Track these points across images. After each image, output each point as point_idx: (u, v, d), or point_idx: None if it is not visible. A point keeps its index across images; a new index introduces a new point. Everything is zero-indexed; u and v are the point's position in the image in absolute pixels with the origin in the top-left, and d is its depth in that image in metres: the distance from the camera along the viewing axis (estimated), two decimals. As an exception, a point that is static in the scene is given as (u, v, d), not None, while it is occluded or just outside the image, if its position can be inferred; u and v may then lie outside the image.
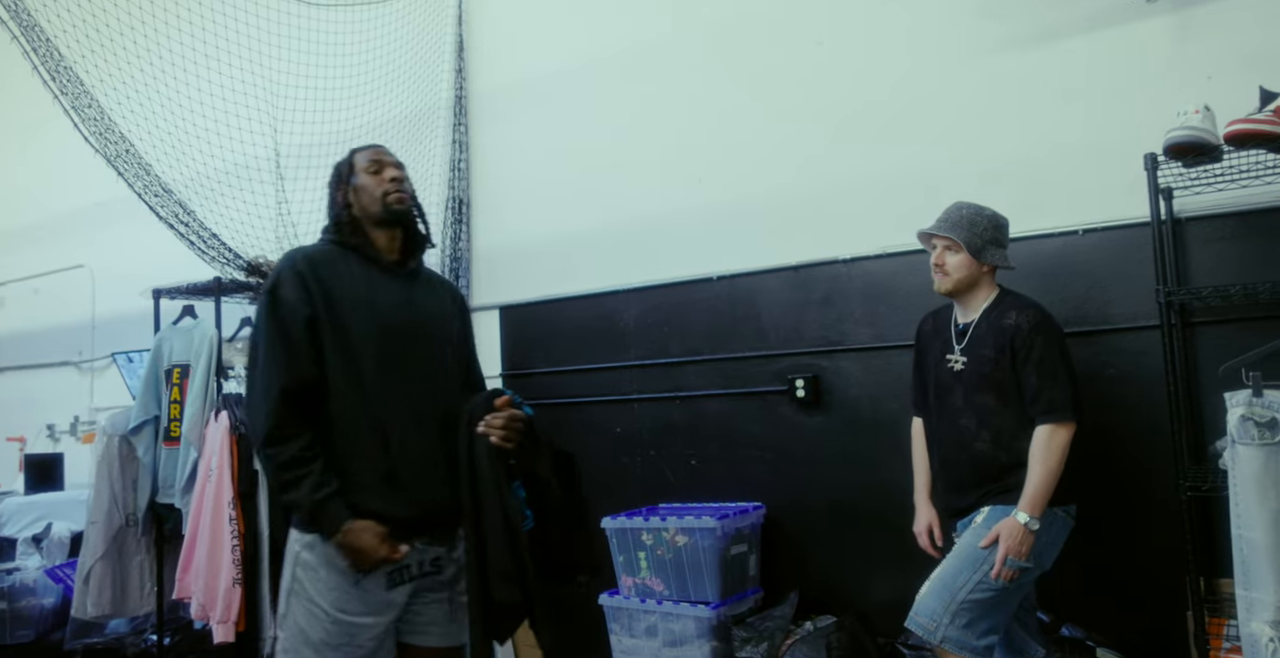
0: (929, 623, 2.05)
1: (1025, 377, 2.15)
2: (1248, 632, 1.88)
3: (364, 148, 2.03)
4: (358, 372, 1.80)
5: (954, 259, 2.26)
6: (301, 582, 1.77)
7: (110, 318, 5.15)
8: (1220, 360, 2.22)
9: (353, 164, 1.99)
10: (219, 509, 2.61)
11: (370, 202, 1.93)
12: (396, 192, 1.94)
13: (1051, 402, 2.10)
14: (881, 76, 3.06)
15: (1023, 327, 2.17)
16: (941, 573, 2.12)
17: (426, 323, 1.95)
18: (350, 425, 1.78)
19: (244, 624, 2.60)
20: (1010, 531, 2.05)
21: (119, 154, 2.63)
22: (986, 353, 2.21)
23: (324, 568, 1.76)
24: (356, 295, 1.85)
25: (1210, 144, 2.15)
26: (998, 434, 2.18)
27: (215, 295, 2.99)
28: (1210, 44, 2.53)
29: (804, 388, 3.10)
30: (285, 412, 1.74)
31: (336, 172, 2.02)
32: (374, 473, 1.78)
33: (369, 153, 2.00)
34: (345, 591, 1.75)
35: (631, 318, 3.54)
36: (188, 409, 2.89)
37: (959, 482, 2.25)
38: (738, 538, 2.97)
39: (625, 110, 3.60)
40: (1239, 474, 1.94)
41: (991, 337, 2.22)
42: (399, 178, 1.96)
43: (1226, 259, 2.45)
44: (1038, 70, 2.78)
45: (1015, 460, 2.14)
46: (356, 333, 1.82)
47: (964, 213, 2.29)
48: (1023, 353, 2.15)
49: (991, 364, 2.19)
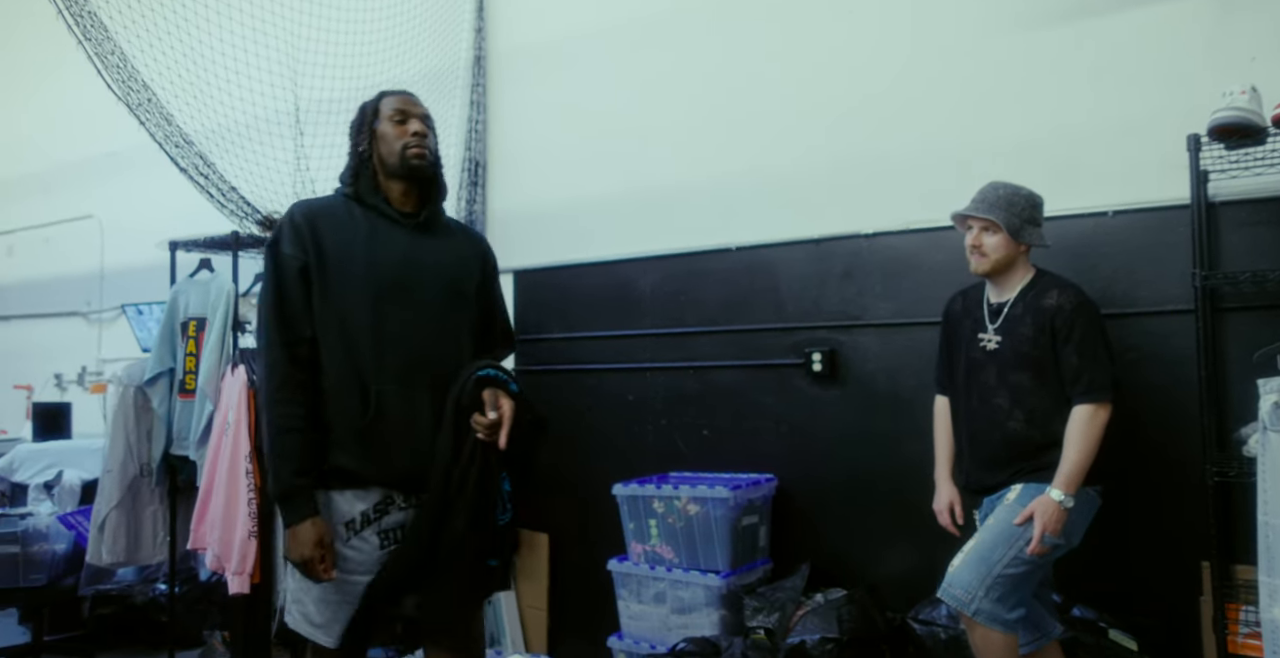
0: (964, 595, 2.06)
1: (1065, 356, 2.15)
2: (1269, 618, 1.89)
3: (392, 93, 1.94)
4: (343, 325, 1.77)
5: (991, 240, 2.24)
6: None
7: (120, 269, 5.13)
8: (1249, 347, 2.20)
9: (378, 109, 1.92)
10: (235, 463, 2.62)
11: (389, 153, 1.86)
12: (418, 147, 1.87)
13: (1092, 382, 2.11)
14: (913, 47, 3.00)
15: (1065, 307, 2.17)
16: (977, 547, 2.12)
17: (430, 277, 1.87)
18: (335, 381, 1.76)
19: (259, 576, 2.61)
20: (1046, 508, 2.06)
21: (141, 103, 2.58)
22: (1025, 332, 2.20)
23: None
24: (352, 248, 1.80)
25: (1257, 126, 2.12)
26: (1032, 413, 2.18)
27: (233, 249, 2.97)
28: (1254, 23, 2.47)
29: (821, 362, 3.09)
30: (286, 371, 1.72)
31: (361, 114, 1.94)
32: (350, 430, 1.75)
33: (396, 100, 1.92)
34: (337, 551, 1.75)
35: (648, 286, 3.52)
36: (203, 362, 2.88)
37: (990, 459, 2.25)
38: (749, 509, 2.98)
39: (647, 76, 3.54)
40: (1269, 461, 1.93)
41: (1031, 316, 2.21)
42: (422, 132, 1.89)
43: (1261, 245, 2.42)
44: (1073, 46, 2.73)
45: (1049, 440, 2.14)
46: (347, 286, 1.78)
47: (1001, 193, 2.26)
48: (1064, 333, 2.15)
49: (1030, 343, 2.19)
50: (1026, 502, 2.11)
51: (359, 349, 1.77)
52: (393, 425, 1.76)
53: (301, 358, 1.74)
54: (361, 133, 1.91)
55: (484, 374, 1.82)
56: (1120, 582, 2.22)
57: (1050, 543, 2.06)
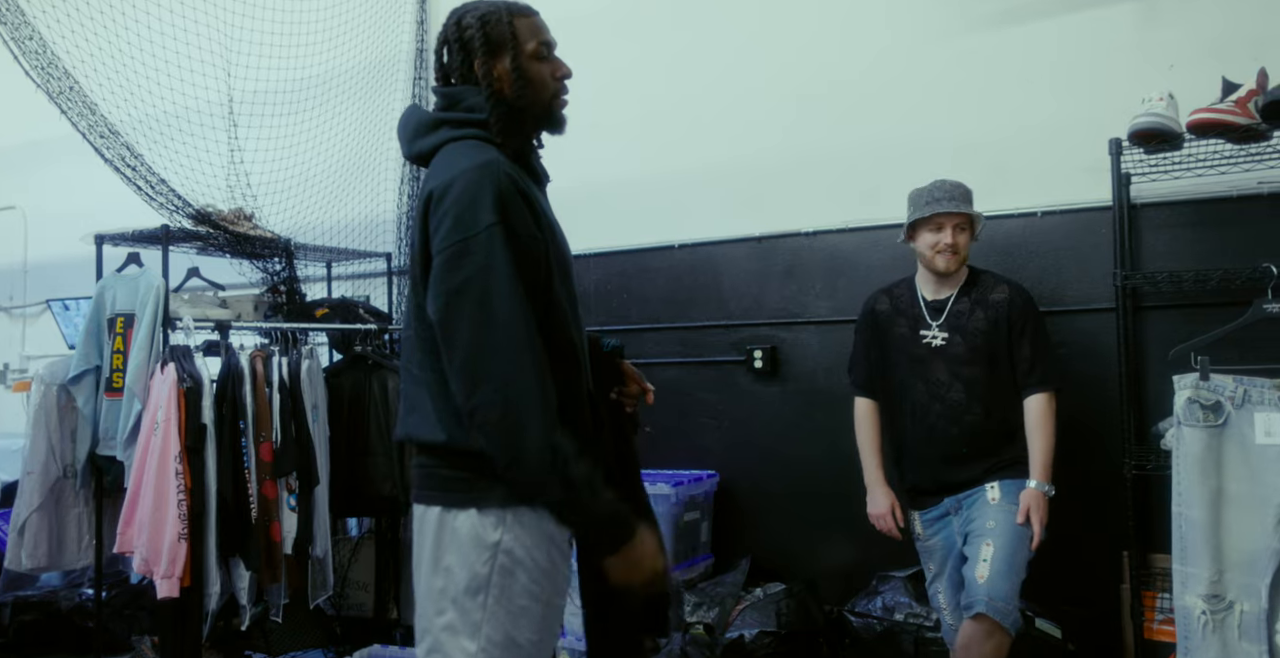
0: (1006, 607, 2.04)
1: (1019, 348, 2.23)
2: (1181, 605, 1.97)
3: (524, 11, 1.44)
4: (564, 320, 1.41)
5: (965, 238, 2.29)
6: (509, 577, 1.33)
7: (44, 263, 4.93)
8: (1167, 344, 2.29)
9: (516, 34, 1.42)
10: (164, 463, 2.54)
11: (536, 100, 1.43)
12: (565, 96, 1.47)
13: (1046, 372, 2.21)
14: (852, 54, 3.05)
15: (1017, 301, 2.26)
16: (1004, 556, 2.10)
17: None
18: (565, 389, 1.37)
19: (189, 579, 2.54)
20: (1038, 502, 2.14)
21: (62, 91, 2.48)
22: (978, 326, 2.26)
23: (537, 550, 1.35)
24: (555, 221, 1.45)
25: (1173, 131, 2.20)
26: (989, 406, 2.24)
27: (163, 243, 2.87)
28: (1174, 32, 2.57)
29: (762, 359, 3.12)
30: (550, 384, 1.30)
31: (485, 36, 1.40)
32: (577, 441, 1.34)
33: (534, 24, 1.44)
34: (559, 572, 1.39)
35: (592, 283, 3.51)
36: (131, 360, 2.78)
37: (951, 456, 2.25)
38: (691, 505, 3.00)
39: (595, 73, 3.50)
40: (1182, 454, 2.01)
41: (982, 310, 2.27)
42: (569, 73, 1.47)
43: (1179, 246, 2.52)
44: (1005, 51, 2.80)
45: (1007, 430, 2.23)
46: (563, 270, 1.42)
47: (965, 189, 2.32)
48: (1019, 326, 2.24)
49: (985, 336, 2.25)
50: (1014, 499, 2.16)
51: (579, 348, 1.46)
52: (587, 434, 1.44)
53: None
54: (493, 62, 1.41)
55: (614, 346, 1.64)
56: (1047, 572, 2.29)
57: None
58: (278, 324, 3.13)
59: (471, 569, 1.32)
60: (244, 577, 2.72)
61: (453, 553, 1.34)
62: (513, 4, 1.45)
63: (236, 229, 3.07)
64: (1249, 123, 2.11)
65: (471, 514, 1.34)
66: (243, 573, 2.72)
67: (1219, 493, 1.96)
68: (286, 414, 2.86)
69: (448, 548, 1.35)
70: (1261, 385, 1.96)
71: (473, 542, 1.33)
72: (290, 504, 2.85)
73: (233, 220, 3.11)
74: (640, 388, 1.64)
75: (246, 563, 2.71)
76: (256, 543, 2.72)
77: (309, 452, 2.90)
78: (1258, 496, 1.93)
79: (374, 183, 3.69)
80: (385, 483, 3.14)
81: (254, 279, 3.32)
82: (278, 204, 3.42)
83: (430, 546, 1.37)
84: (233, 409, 2.75)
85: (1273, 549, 1.89)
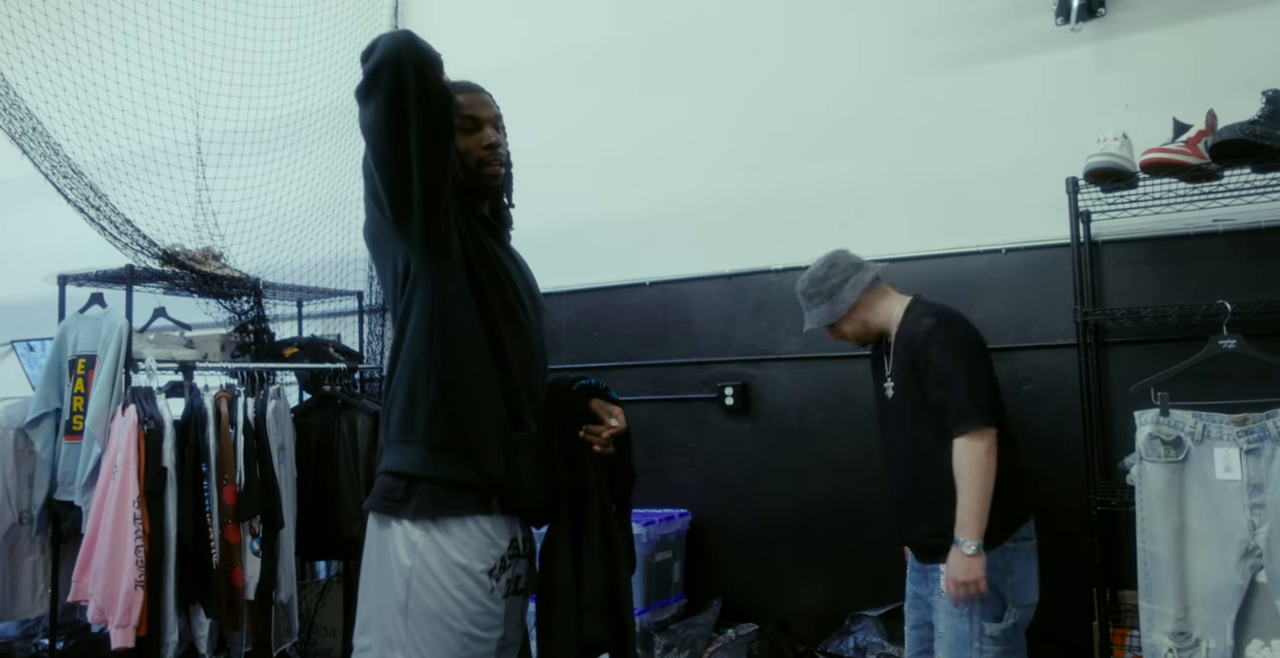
0: None
1: (930, 390, 1.98)
2: (1149, 643, 1.96)
3: (460, 89, 1.55)
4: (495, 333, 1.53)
5: (839, 329, 2.17)
6: (423, 592, 1.40)
7: (8, 304, 4.86)
8: (1130, 380, 2.30)
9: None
10: (122, 508, 2.48)
11: (462, 168, 1.54)
12: (493, 165, 1.56)
13: (959, 412, 1.92)
14: (819, 92, 3.10)
15: (917, 338, 2.00)
16: (945, 651, 1.96)
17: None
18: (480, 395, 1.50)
19: (145, 629, 2.47)
20: (952, 562, 1.90)
21: (25, 132, 2.47)
22: (901, 370, 2.05)
23: (456, 570, 1.41)
24: (501, 253, 1.59)
25: (1127, 170, 2.24)
26: (928, 457, 2.00)
27: (127, 283, 2.85)
28: (1128, 75, 2.64)
29: (733, 396, 3.11)
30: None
31: None
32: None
33: (465, 100, 1.54)
34: (479, 601, 1.42)
35: (564, 321, 3.51)
36: (92, 402, 2.73)
37: (909, 510, 2.10)
38: (663, 545, 2.96)
39: (563, 113, 3.57)
40: (1145, 490, 2.01)
41: (905, 352, 2.05)
42: (496, 143, 1.57)
43: (1138, 282, 2.56)
44: (967, 92, 2.86)
45: (948, 485, 1.94)
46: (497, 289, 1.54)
47: (811, 291, 2.17)
48: (922, 365, 1.98)
49: (905, 381, 2.04)
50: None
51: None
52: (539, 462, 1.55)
53: None
54: None
55: (584, 384, 1.66)
56: (1019, 609, 2.28)
57: (1005, 623, 1.92)
58: (244, 364, 3.10)
59: (393, 590, 1.41)
60: (204, 625, 2.65)
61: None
62: (456, 82, 1.56)
63: (203, 269, 3.05)
64: (1199, 163, 2.15)
65: (395, 532, 1.43)
66: (203, 621, 2.65)
67: (1182, 529, 1.96)
68: (251, 456, 2.81)
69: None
70: (1220, 421, 1.97)
71: (393, 555, 1.42)
72: (254, 548, 2.80)
73: (200, 260, 3.09)
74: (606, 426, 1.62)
75: (207, 610, 2.64)
76: (217, 589, 2.66)
77: (274, 494, 2.86)
78: (1220, 531, 1.93)
79: (345, 221, 3.69)
80: (354, 524, 3.09)
81: (221, 319, 3.30)
82: (247, 243, 3.41)
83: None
84: (195, 452, 2.71)
85: (1236, 585, 1.89)
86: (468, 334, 1.46)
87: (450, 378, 1.44)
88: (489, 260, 1.53)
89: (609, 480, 1.62)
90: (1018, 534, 1.98)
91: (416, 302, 1.45)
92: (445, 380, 1.44)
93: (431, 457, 1.43)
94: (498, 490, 1.45)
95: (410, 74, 1.31)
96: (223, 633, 2.73)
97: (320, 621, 3.43)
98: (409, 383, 1.46)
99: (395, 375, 1.49)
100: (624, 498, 1.68)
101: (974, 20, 2.85)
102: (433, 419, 1.44)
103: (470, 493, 1.43)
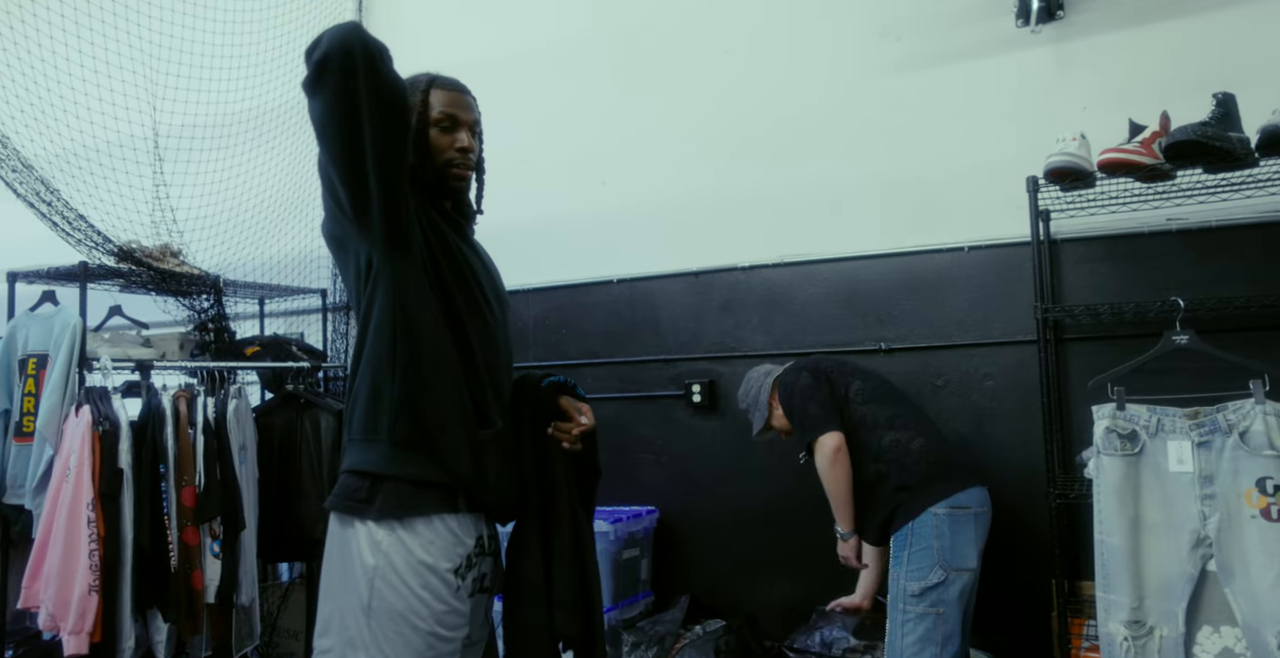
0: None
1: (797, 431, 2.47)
2: (1105, 632, 2.00)
3: (445, 85, 1.54)
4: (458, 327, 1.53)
5: (775, 428, 2.61)
6: (387, 591, 1.39)
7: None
8: (1088, 375, 2.35)
9: (428, 101, 1.53)
10: (76, 511, 2.42)
11: (427, 164, 1.52)
12: (461, 168, 1.55)
13: (802, 435, 2.41)
14: (789, 92, 3.12)
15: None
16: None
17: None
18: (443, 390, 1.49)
19: (100, 635, 2.41)
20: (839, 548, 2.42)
21: (-28, 124, 2.40)
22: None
23: (422, 569, 1.40)
24: (463, 247, 1.58)
25: (1085, 170, 2.29)
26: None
27: (80, 280, 2.77)
28: (1086, 77, 2.69)
29: (700, 393, 3.12)
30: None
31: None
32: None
33: (448, 97, 1.53)
34: (444, 600, 1.40)
35: (531, 319, 3.50)
36: (44, 403, 2.66)
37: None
38: (630, 542, 2.96)
39: (532, 110, 3.55)
40: (1102, 483, 2.06)
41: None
42: (469, 148, 1.55)
43: (1096, 279, 2.61)
44: (934, 92, 2.89)
45: (862, 498, 2.38)
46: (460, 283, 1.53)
47: (745, 406, 2.68)
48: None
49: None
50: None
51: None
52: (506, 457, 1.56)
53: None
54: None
55: (552, 381, 1.66)
56: (980, 601, 2.31)
57: (924, 582, 2.17)
58: (204, 363, 3.04)
59: (356, 590, 1.40)
60: (162, 630, 2.60)
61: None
62: (439, 76, 1.57)
63: (161, 266, 2.98)
64: (1154, 163, 2.20)
65: (359, 532, 1.41)
66: (160, 625, 2.60)
67: (1137, 521, 2.01)
68: (211, 456, 2.76)
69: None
70: (1173, 415, 2.02)
71: (357, 555, 1.40)
72: (214, 551, 2.75)
73: (158, 257, 3.02)
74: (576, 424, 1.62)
75: (165, 615, 2.59)
76: (176, 593, 2.60)
77: (235, 495, 2.81)
78: (1173, 522, 1.98)
79: (308, 218, 3.64)
80: (317, 525, 3.04)
81: (180, 317, 3.23)
82: (207, 240, 3.34)
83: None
84: (153, 453, 2.65)
85: (1188, 575, 1.94)
86: (431, 330, 1.44)
87: (414, 375, 1.42)
88: (452, 255, 1.51)
89: (577, 477, 1.62)
90: (952, 502, 2.20)
91: (379, 298, 1.43)
92: (409, 378, 1.42)
93: (396, 455, 1.41)
94: (464, 489, 1.44)
95: (360, 65, 1.29)
96: (182, 638, 2.67)
97: (283, 623, 3.38)
98: (372, 381, 1.44)
99: (359, 373, 1.47)
100: (589, 495, 1.68)
101: (941, 21, 2.88)
102: (397, 417, 1.41)
103: (436, 491, 1.42)
